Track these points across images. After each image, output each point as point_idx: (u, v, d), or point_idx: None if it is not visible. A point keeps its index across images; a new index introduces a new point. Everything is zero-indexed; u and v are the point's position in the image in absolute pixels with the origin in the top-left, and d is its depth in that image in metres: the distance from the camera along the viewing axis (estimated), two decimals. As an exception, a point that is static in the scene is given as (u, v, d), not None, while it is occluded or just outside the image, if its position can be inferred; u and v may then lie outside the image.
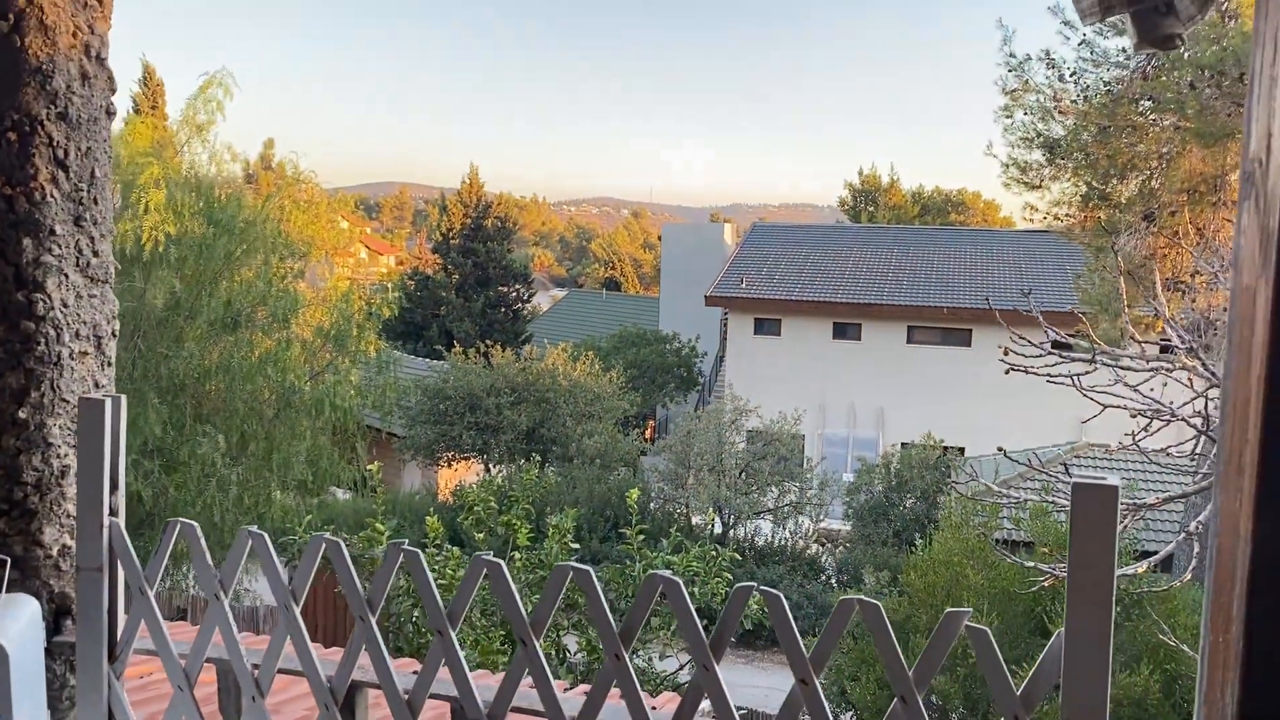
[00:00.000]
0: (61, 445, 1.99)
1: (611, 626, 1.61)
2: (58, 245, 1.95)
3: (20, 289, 1.91)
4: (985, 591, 8.80)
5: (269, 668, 1.83)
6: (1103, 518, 1.32)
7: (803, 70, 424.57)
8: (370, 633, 1.74)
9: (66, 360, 1.98)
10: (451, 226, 37.25)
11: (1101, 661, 1.35)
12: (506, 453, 19.78)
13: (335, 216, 14.75)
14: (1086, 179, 14.27)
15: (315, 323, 13.23)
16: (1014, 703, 1.44)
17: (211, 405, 11.93)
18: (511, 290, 37.08)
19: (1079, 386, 5.29)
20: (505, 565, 1.66)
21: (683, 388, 30.27)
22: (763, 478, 18.18)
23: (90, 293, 2.03)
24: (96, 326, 2.05)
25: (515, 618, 1.65)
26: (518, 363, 21.86)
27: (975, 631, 1.45)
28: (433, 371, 22.90)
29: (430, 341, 33.69)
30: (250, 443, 11.95)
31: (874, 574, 13.56)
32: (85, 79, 1.96)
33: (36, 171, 1.90)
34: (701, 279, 28.77)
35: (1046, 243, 24.54)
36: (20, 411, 1.94)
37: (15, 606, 1.46)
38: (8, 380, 1.93)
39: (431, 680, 1.74)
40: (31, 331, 1.93)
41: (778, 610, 1.51)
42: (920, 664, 1.48)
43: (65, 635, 1.97)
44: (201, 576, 1.86)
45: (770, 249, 28.52)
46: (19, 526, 1.95)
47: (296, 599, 1.79)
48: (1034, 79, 13.86)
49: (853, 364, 25.72)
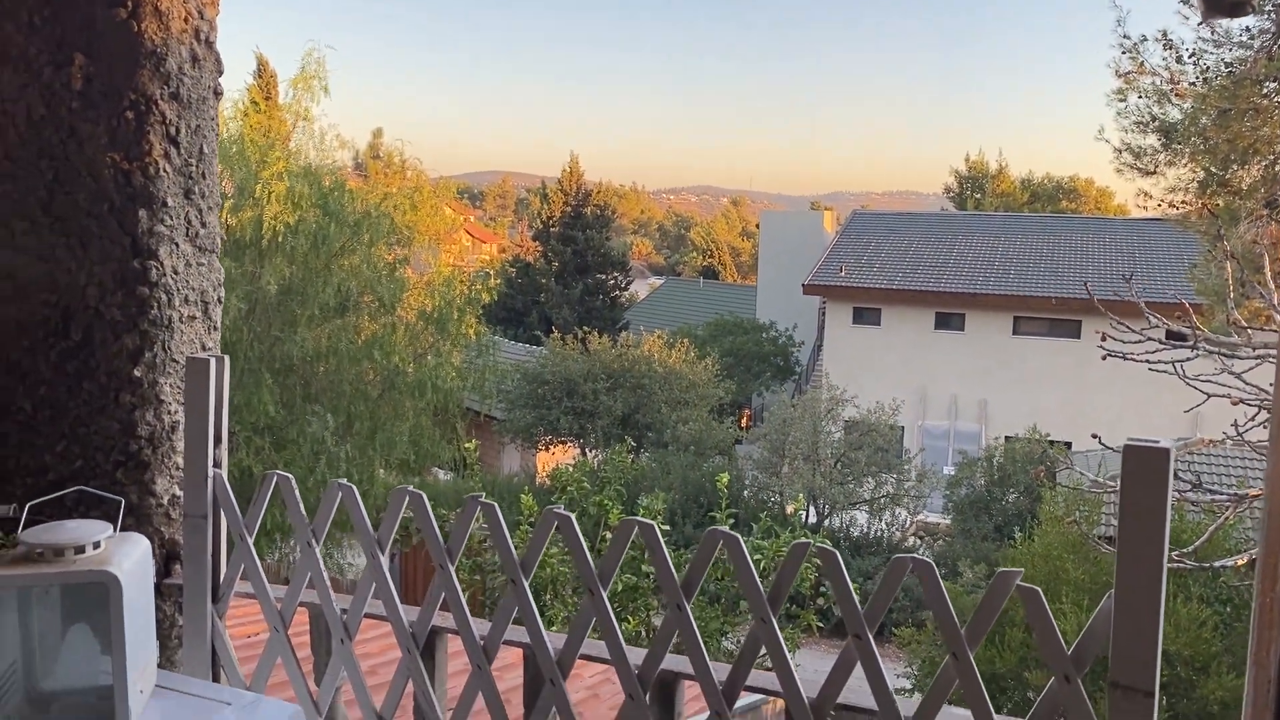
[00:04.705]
0: (172, 402, 2.15)
1: (674, 578, 1.67)
2: (170, 216, 2.10)
3: (136, 257, 2.07)
4: (1085, 587, 8.59)
5: (356, 612, 1.95)
6: (1154, 479, 1.33)
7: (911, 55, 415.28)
8: (450, 581, 1.85)
9: (177, 323, 2.13)
10: (551, 214, 37.69)
11: (1152, 622, 1.36)
12: (602, 437, 20.01)
13: (439, 204, 15.10)
14: (1204, 164, 13.69)
15: (419, 307, 13.59)
16: (1065, 662, 1.46)
17: (319, 386, 12.38)
18: (610, 278, 37.34)
19: (1181, 374, 5.13)
20: (574, 519, 1.75)
21: (779, 376, 30.10)
22: (859, 468, 17.98)
23: (199, 261, 2.18)
24: (204, 293, 2.20)
25: (584, 568, 1.73)
26: (614, 349, 22.05)
27: (1027, 591, 1.47)
28: (532, 357, 23.28)
29: (530, 327, 34.20)
30: (356, 422, 12.36)
31: (971, 567, 13.33)
32: (195, 61, 2.10)
33: (151, 147, 2.05)
34: (800, 267, 28.51)
35: (1160, 231, 23.62)
36: (135, 370, 2.10)
37: (128, 544, 1.60)
38: (124, 341, 2.09)
39: (505, 627, 1.83)
40: (146, 296, 2.09)
41: (832, 566, 1.55)
42: (973, 621, 1.51)
43: (174, 578, 2.13)
44: (296, 526, 2.00)
45: (871, 237, 28.09)
46: (134, 476, 2.12)
47: (382, 548, 1.91)
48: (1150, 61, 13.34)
49: (955, 355, 25.18)
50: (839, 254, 27.33)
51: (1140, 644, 1.36)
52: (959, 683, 1.52)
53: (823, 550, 1.56)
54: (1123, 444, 1.36)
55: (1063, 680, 1.45)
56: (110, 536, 1.60)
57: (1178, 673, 7.52)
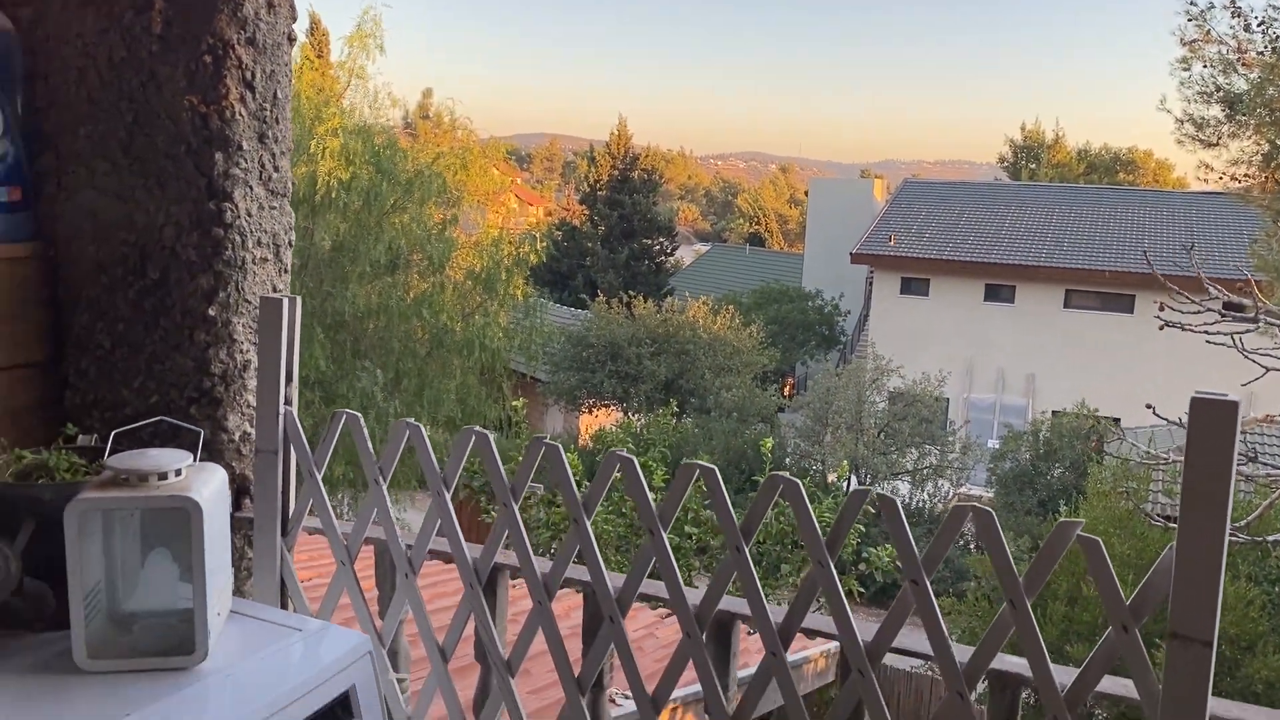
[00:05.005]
0: (244, 341, 2.21)
1: (734, 521, 1.71)
2: (244, 159, 2.15)
3: (211, 199, 2.13)
4: (1131, 562, 8.53)
5: (420, 548, 2.01)
6: (1222, 430, 1.33)
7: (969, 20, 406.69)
8: (513, 519, 1.89)
9: (250, 265, 2.19)
10: (599, 178, 37.61)
11: (1214, 573, 1.37)
12: (645, 402, 20.09)
13: (488, 165, 15.15)
14: (1270, 137, 13.33)
15: (467, 266, 13.70)
16: (1123, 612, 1.47)
17: (369, 342, 12.56)
18: (655, 243, 37.25)
19: (1240, 347, 5.05)
20: (636, 462, 1.78)
21: (823, 346, 29.95)
22: (902, 439, 17.91)
23: (271, 204, 2.23)
24: (275, 236, 2.25)
25: (644, 509, 1.77)
26: (659, 314, 22.06)
27: (1087, 541, 1.48)
28: (577, 320, 23.36)
29: (575, 291, 34.27)
30: (404, 379, 12.54)
31: (1014, 541, 13.27)
32: (270, 6, 2.14)
33: (227, 91, 2.10)
34: (848, 236, 28.25)
35: (1220, 205, 23.08)
36: (210, 309, 2.16)
37: (207, 473, 1.66)
38: (199, 281, 2.15)
39: (566, 566, 1.88)
40: (220, 238, 2.14)
41: (891, 511, 1.57)
42: (1031, 569, 1.53)
43: (244, 512, 2.20)
44: (364, 464, 2.05)
45: (921, 206, 27.74)
46: (207, 413, 2.19)
47: (448, 486, 1.96)
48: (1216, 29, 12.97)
49: (1004, 327, 24.87)
50: (888, 223, 27.05)
51: (1201, 594, 1.36)
52: (1015, 630, 1.54)
53: (882, 496, 1.58)
54: (1190, 400, 1.36)
55: (1120, 630, 1.47)
56: (190, 465, 1.66)
57: (1222, 651, 7.47)
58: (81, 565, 1.55)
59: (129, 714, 1.48)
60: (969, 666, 1.59)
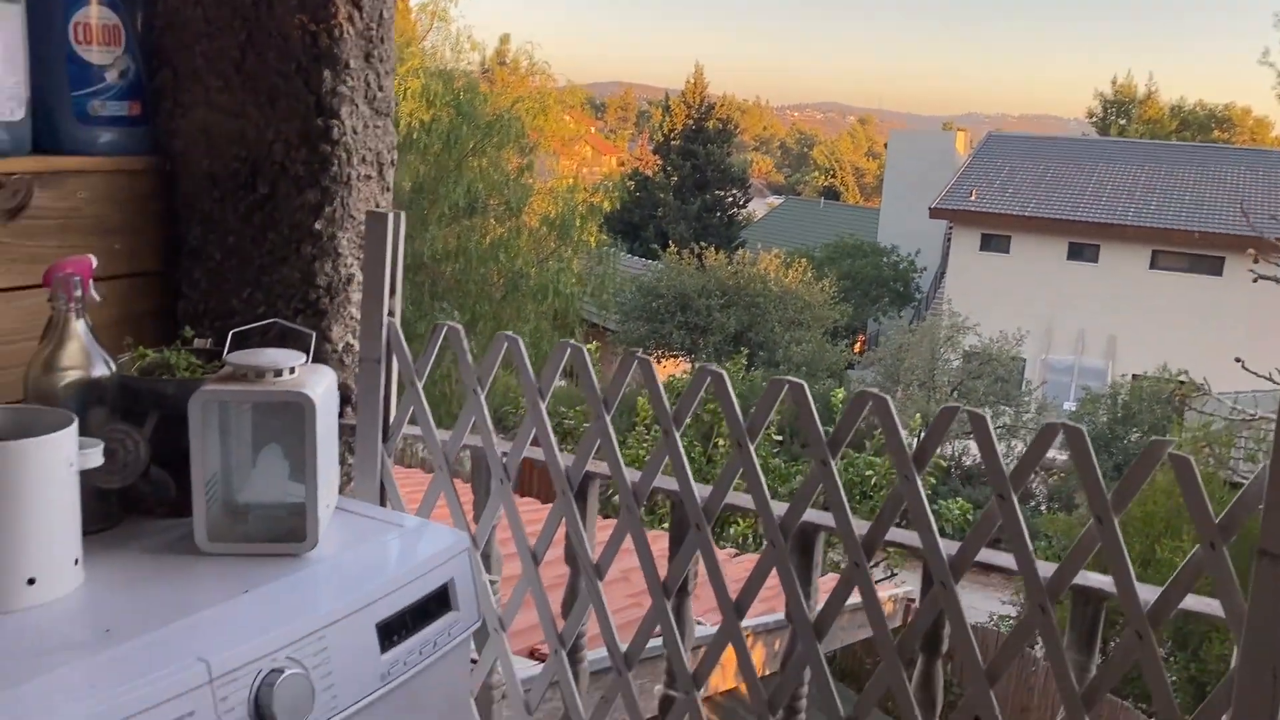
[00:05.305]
0: (348, 255, 2.30)
1: (821, 434, 1.75)
2: (351, 78, 2.22)
3: (319, 115, 2.20)
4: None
5: (516, 454, 2.09)
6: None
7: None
8: (604, 429, 1.96)
9: (355, 181, 2.27)
10: (673, 127, 37.35)
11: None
12: (714, 354, 20.10)
13: (562, 112, 15.17)
14: (1380, 92, 12.72)
15: (542, 212, 13.81)
16: (1212, 529, 1.48)
17: (446, 285, 12.77)
18: (728, 194, 36.98)
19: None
20: (726, 375, 1.83)
21: (897, 303, 29.55)
22: (976, 397, 17.69)
23: (375, 123, 2.30)
24: (379, 154, 2.32)
25: (733, 423, 1.82)
26: (730, 266, 21.97)
27: (1179, 459, 1.50)
28: (648, 270, 23.39)
29: (646, 241, 34.26)
30: (480, 322, 12.75)
31: (1087, 501, 13.09)
32: (379, -73, 2.20)
33: (336, 10, 2.16)
34: (927, 191, 27.69)
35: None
36: (316, 224, 2.25)
37: (318, 373, 1.74)
38: (306, 196, 2.24)
39: (655, 474, 1.94)
40: (327, 154, 2.22)
41: (981, 426, 1.60)
42: (1120, 486, 1.54)
43: (346, 419, 2.30)
44: (463, 374, 2.13)
45: (1005, 161, 27.05)
46: (312, 323, 2.28)
47: (543, 396, 2.03)
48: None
49: (1086, 287, 24.25)
50: (970, 177, 26.46)
51: (1295, 510, 1.37)
52: (1101, 546, 1.56)
53: (972, 412, 1.61)
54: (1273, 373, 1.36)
55: (1208, 547, 1.48)
56: (304, 365, 1.74)
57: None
58: (204, 454, 1.64)
59: (246, 590, 1.58)
60: (1052, 581, 1.62)
